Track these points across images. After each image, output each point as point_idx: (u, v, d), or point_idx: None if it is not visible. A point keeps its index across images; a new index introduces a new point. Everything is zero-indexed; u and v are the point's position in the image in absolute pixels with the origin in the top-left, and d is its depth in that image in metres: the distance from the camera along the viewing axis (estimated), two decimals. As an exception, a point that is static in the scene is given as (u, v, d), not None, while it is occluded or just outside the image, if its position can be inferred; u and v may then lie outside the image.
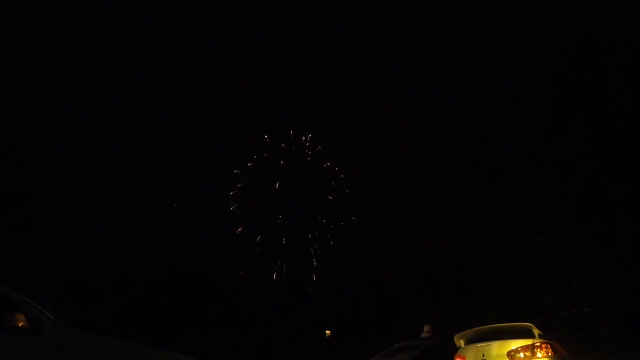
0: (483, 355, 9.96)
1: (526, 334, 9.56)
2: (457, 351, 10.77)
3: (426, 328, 15.68)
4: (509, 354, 9.51)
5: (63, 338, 6.73)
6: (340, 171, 46.46)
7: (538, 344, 9.25)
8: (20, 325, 6.47)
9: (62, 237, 26.35)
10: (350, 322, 45.54)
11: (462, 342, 10.79)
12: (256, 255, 48.90)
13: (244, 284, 46.51)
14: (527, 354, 9.29)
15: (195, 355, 7.72)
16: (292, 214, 47.32)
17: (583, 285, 20.33)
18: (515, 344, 9.53)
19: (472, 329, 10.75)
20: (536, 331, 9.44)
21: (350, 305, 48.29)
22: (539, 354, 9.19)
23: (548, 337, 9.38)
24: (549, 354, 9.14)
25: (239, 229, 48.21)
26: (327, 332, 45.70)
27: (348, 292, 49.23)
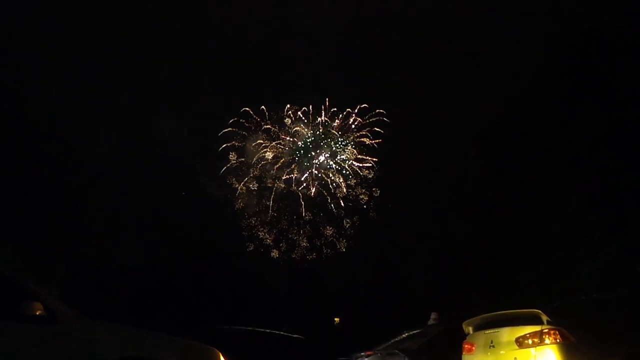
0: (491, 342, 9.94)
1: (534, 320, 9.51)
2: (465, 338, 10.78)
3: (433, 315, 15.75)
4: (517, 340, 9.48)
5: (77, 326, 6.72)
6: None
7: (546, 330, 9.21)
8: (37, 313, 6.43)
9: (72, 226, 26.40)
10: (359, 310, 45.64)
11: (470, 329, 10.79)
12: (263, 244, 48.69)
13: (251, 272, 46.57)
14: (535, 340, 9.25)
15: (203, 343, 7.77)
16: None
17: (593, 273, 20.30)
18: (524, 330, 9.49)
19: (481, 316, 10.73)
20: (544, 317, 9.39)
21: (359, 292, 48.33)
22: (547, 340, 9.14)
23: (556, 323, 9.37)
24: (558, 340, 9.09)
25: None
26: (336, 319, 45.72)
27: (357, 280, 49.22)
